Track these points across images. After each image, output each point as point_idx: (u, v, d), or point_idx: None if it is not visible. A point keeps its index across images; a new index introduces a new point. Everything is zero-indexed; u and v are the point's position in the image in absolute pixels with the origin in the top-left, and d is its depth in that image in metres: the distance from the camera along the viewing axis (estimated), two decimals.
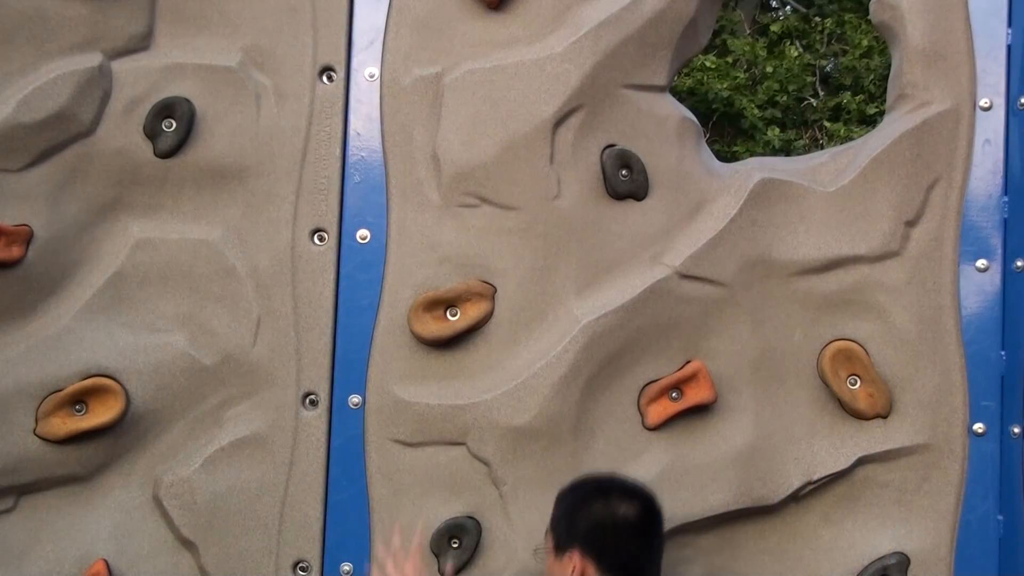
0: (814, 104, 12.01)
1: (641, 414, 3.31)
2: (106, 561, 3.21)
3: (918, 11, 3.35)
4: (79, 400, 3.19)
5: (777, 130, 11.50)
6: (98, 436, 3.20)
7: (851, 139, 7.78)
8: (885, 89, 3.83)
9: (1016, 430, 3.25)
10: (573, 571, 2.83)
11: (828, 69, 12.44)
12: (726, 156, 10.43)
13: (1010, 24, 3.35)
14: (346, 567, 3.27)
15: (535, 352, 3.27)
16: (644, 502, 2.88)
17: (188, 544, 3.25)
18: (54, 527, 3.24)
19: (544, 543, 2.97)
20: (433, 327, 3.27)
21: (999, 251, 3.33)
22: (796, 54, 12.01)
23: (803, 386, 3.36)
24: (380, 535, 3.25)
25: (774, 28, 12.53)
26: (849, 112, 11.65)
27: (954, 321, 3.32)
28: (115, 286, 3.27)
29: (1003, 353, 3.31)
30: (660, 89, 3.40)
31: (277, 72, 3.35)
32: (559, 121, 3.30)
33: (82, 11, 3.25)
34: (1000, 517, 3.30)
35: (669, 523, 3.24)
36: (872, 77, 11.72)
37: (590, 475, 3.04)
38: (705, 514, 3.29)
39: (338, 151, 3.33)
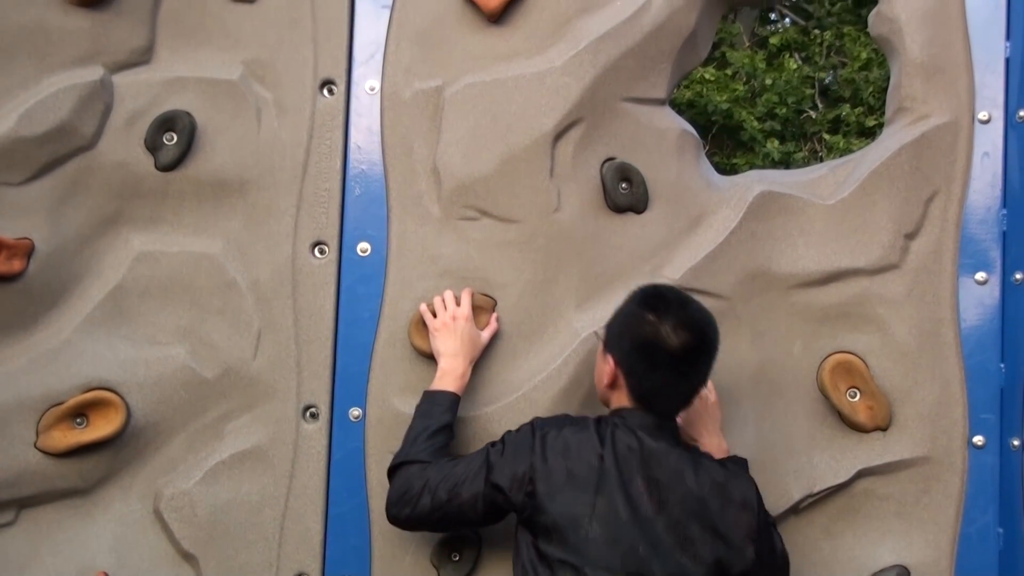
0: (813, 116, 12.01)
1: None
2: (106, 574, 3.21)
3: (917, 24, 3.36)
4: (80, 413, 3.19)
5: (776, 142, 11.50)
6: (99, 449, 3.21)
7: (850, 151, 7.79)
8: (884, 102, 3.84)
9: (1016, 442, 3.25)
10: (608, 374, 2.92)
11: (827, 81, 12.45)
12: (726, 168, 10.46)
13: (1008, 37, 3.36)
14: None
15: (535, 364, 3.28)
16: (697, 338, 2.84)
17: (188, 557, 3.25)
18: (55, 540, 3.24)
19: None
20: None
21: (998, 264, 3.34)
22: (795, 66, 12.02)
23: (803, 399, 3.36)
24: (380, 548, 3.26)
25: (773, 40, 12.54)
26: (848, 124, 11.66)
27: (953, 334, 3.33)
28: (116, 299, 3.27)
29: (1002, 365, 3.31)
30: (660, 102, 3.41)
31: (278, 85, 3.36)
32: (559, 134, 3.30)
33: (83, 25, 3.26)
34: (1000, 530, 3.30)
35: None
36: (871, 90, 11.72)
37: (665, 287, 3.03)
38: None
39: (339, 164, 3.34)
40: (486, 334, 3.24)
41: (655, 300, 2.90)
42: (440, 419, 3.06)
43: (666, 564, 2.74)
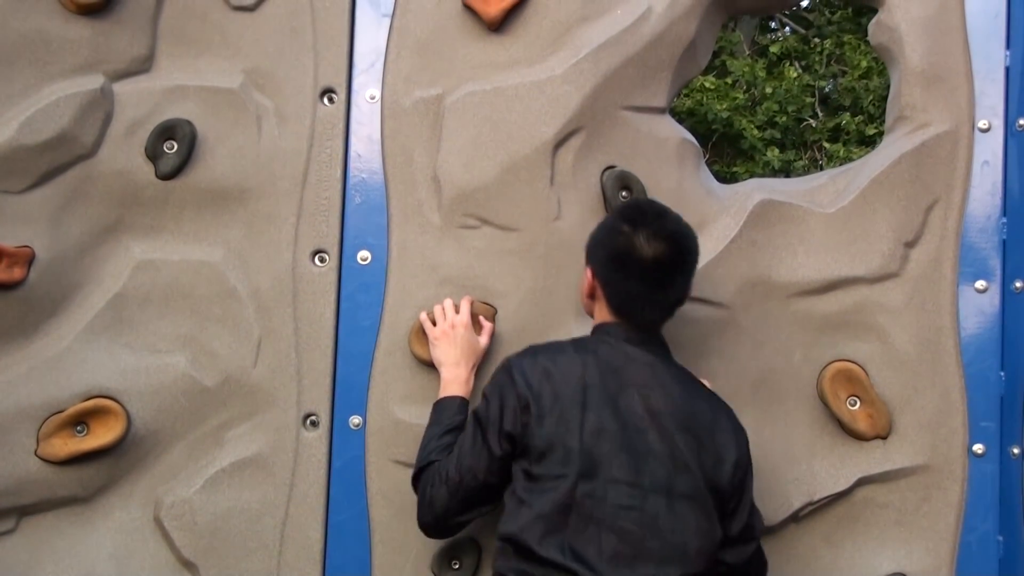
0: (813, 125, 12.03)
1: None
2: None
3: (917, 33, 3.36)
4: (80, 421, 3.19)
5: (776, 151, 11.53)
6: (99, 457, 3.21)
7: (850, 160, 7.80)
8: (884, 110, 3.85)
9: (1016, 450, 3.25)
10: (587, 284, 2.96)
11: (827, 90, 12.48)
12: (726, 177, 10.48)
13: (1008, 46, 3.36)
14: None
15: None
16: (670, 248, 2.85)
17: (189, 565, 3.25)
18: (55, 548, 3.24)
19: None
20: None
21: (998, 272, 3.34)
22: (795, 75, 12.05)
23: (803, 407, 3.36)
24: (381, 556, 3.26)
25: (773, 49, 12.57)
26: (848, 133, 11.68)
27: (953, 342, 3.33)
28: (116, 307, 3.27)
29: (1002, 374, 3.31)
30: (660, 110, 3.42)
31: (278, 94, 3.36)
32: (559, 143, 3.31)
33: (84, 33, 3.26)
34: (1000, 538, 3.30)
35: None
36: (871, 98, 11.75)
37: (646, 201, 3.08)
38: None
39: (339, 173, 3.34)
40: (484, 339, 3.24)
41: (632, 211, 2.94)
42: (451, 421, 3.05)
43: (656, 473, 2.74)
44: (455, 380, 3.13)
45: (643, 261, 2.84)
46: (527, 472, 2.79)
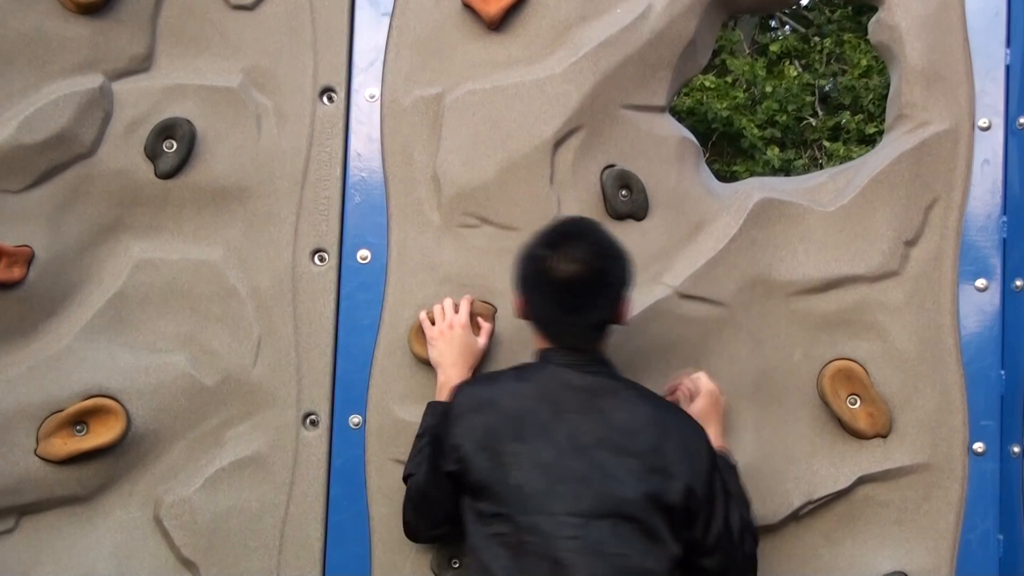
0: (813, 124, 12.03)
1: None
2: None
3: (917, 31, 3.36)
4: (80, 420, 3.19)
5: (776, 150, 11.53)
6: (99, 456, 3.21)
7: (850, 159, 7.81)
8: (884, 109, 3.84)
9: (1016, 449, 3.25)
10: (517, 308, 2.97)
11: (827, 89, 12.47)
12: (726, 176, 10.48)
13: (1008, 44, 3.36)
14: None
15: None
16: (584, 270, 2.81)
17: (189, 564, 3.25)
18: (55, 548, 3.23)
19: None
20: None
21: (998, 271, 3.34)
22: (795, 74, 12.05)
23: (803, 406, 3.36)
24: (380, 555, 3.26)
25: (773, 48, 12.57)
26: (848, 132, 11.68)
27: (954, 341, 3.33)
28: (116, 307, 3.27)
29: (1003, 372, 3.31)
30: (660, 109, 3.41)
31: (278, 93, 3.36)
32: (559, 141, 3.31)
33: (83, 32, 3.26)
34: (1000, 537, 3.30)
35: None
36: (871, 97, 11.75)
37: (569, 220, 3.02)
38: None
39: (338, 172, 3.34)
40: (483, 339, 3.24)
41: (549, 234, 2.91)
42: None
43: (596, 500, 2.72)
44: (450, 382, 3.11)
45: (554, 285, 2.82)
46: (474, 509, 2.82)
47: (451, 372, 3.14)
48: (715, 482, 2.86)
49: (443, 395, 3.10)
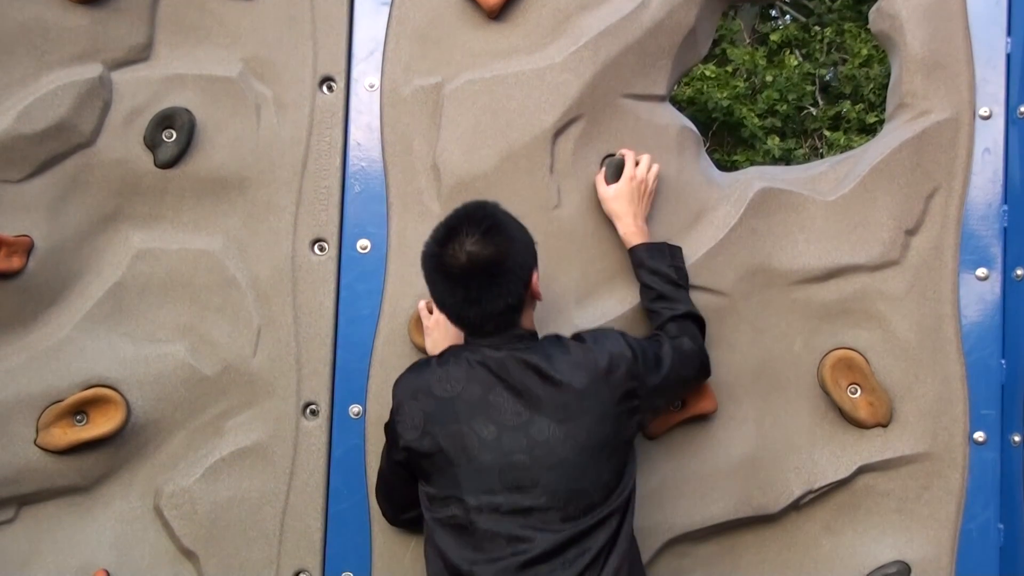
0: (814, 113, 12.01)
1: None
2: (107, 572, 3.22)
3: (917, 20, 3.35)
4: (80, 410, 3.19)
5: (777, 139, 11.50)
6: (99, 446, 3.21)
7: (851, 148, 7.79)
8: (885, 98, 3.84)
9: (1017, 439, 3.25)
10: (428, 303, 3.02)
11: (828, 78, 12.45)
12: (726, 165, 10.46)
13: (1009, 33, 3.36)
14: None
15: None
16: (471, 262, 2.78)
17: (189, 554, 3.25)
18: (55, 538, 3.24)
19: None
20: None
21: (999, 260, 3.33)
22: (796, 63, 12.02)
23: (803, 395, 3.36)
24: (380, 544, 3.26)
25: (774, 37, 12.54)
26: (849, 121, 11.66)
27: (954, 330, 3.32)
28: (116, 296, 3.27)
29: (1003, 362, 3.31)
30: (660, 98, 3.41)
31: (277, 82, 3.36)
32: (559, 131, 3.30)
33: (82, 22, 3.26)
34: (1001, 526, 3.30)
35: (669, 532, 3.26)
36: (872, 86, 11.73)
37: (460, 209, 2.94)
38: (705, 523, 3.29)
39: (338, 161, 3.34)
40: None
41: (443, 226, 2.88)
42: None
43: (544, 466, 2.75)
44: None
45: (450, 279, 2.82)
46: (425, 493, 2.87)
47: None
48: (638, 362, 2.90)
49: None
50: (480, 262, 2.78)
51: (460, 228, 2.82)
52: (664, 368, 2.96)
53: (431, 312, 3.20)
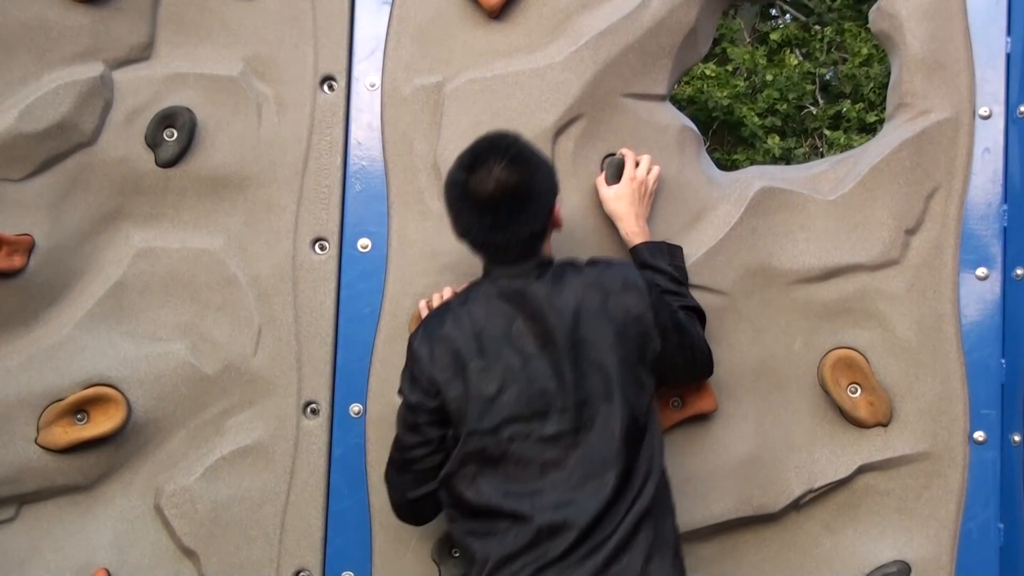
0: (814, 112, 12.01)
1: None
2: (107, 571, 3.22)
3: (917, 20, 3.36)
4: (80, 409, 3.19)
5: (777, 138, 11.50)
6: (99, 445, 3.21)
7: (851, 147, 7.79)
8: (885, 97, 3.84)
9: (1016, 438, 3.25)
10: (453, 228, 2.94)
11: (828, 77, 12.44)
12: (726, 164, 10.46)
13: (1009, 33, 3.36)
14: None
15: None
16: (503, 190, 2.80)
17: (189, 553, 3.25)
18: (55, 536, 3.24)
19: None
20: None
21: (999, 259, 3.34)
22: (796, 62, 12.02)
23: (804, 394, 3.36)
24: (381, 543, 3.26)
25: (774, 36, 12.53)
26: (849, 120, 11.66)
27: (954, 329, 3.33)
28: (116, 295, 3.27)
29: (1003, 361, 3.31)
30: (660, 98, 3.41)
31: (278, 81, 3.36)
32: (559, 130, 3.30)
33: (84, 21, 3.26)
34: (1001, 525, 3.30)
35: None
36: (872, 85, 11.73)
37: (485, 138, 2.95)
38: (706, 523, 3.29)
39: (339, 160, 3.34)
40: None
41: (468, 153, 2.89)
42: None
43: (572, 389, 2.76)
44: None
45: (477, 206, 2.82)
46: (456, 436, 2.83)
47: None
48: (663, 307, 2.93)
49: None
50: (508, 188, 2.80)
51: (487, 155, 2.84)
52: (670, 310, 2.97)
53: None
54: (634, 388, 2.82)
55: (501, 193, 2.79)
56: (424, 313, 3.20)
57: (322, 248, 3.32)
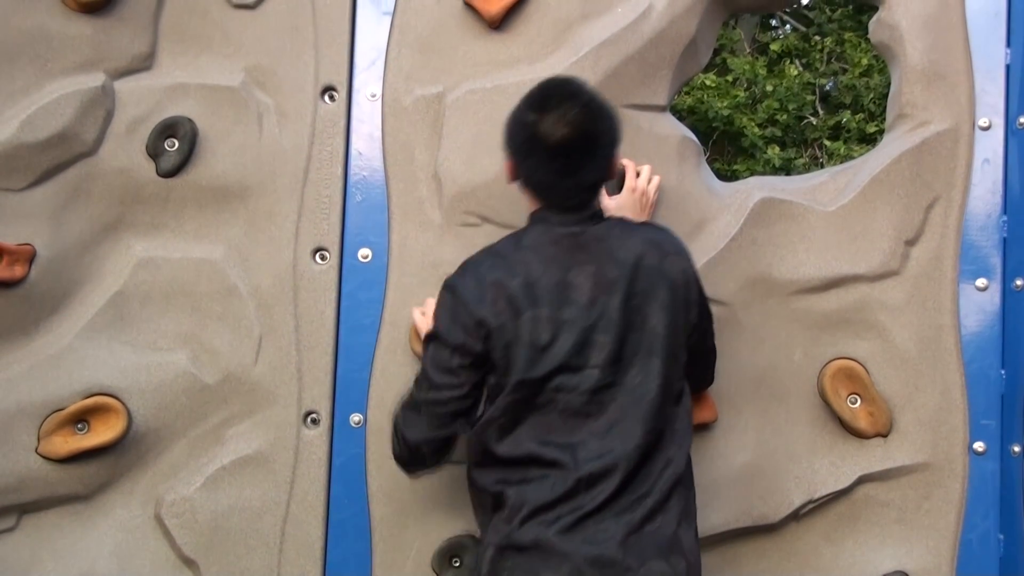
0: (814, 123, 12.02)
1: None
2: None
3: (917, 31, 3.36)
4: (81, 419, 3.20)
5: (777, 149, 11.50)
6: (100, 455, 3.21)
7: (851, 158, 7.80)
8: (885, 108, 3.84)
9: (1016, 449, 3.26)
10: (507, 172, 2.92)
11: (828, 88, 12.45)
12: (726, 175, 10.46)
13: (1009, 44, 3.36)
14: None
15: None
16: (576, 132, 2.78)
17: (189, 563, 3.25)
18: (56, 546, 3.24)
19: None
20: None
21: (998, 270, 3.34)
22: (796, 73, 12.03)
23: (804, 405, 3.36)
24: (381, 553, 3.26)
25: (774, 47, 12.55)
26: (849, 131, 11.66)
27: (954, 340, 3.33)
28: (117, 305, 3.27)
29: (1003, 372, 3.31)
30: (660, 108, 3.41)
31: (279, 92, 3.37)
32: None
33: (85, 31, 3.27)
34: (1001, 536, 3.30)
35: None
36: (872, 96, 11.73)
37: (555, 80, 2.95)
38: (706, 533, 3.28)
39: (340, 170, 3.34)
40: None
41: (537, 97, 2.86)
42: None
43: (621, 342, 2.75)
44: None
45: (548, 149, 2.79)
46: (500, 385, 2.79)
47: None
48: (702, 296, 2.95)
49: None
50: (582, 132, 2.78)
51: (560, 98, 2.82)
52: (706, 304, 3.00)
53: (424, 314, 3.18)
54: (675, 354, 2.82)
55: (574, 137, 2.77)
56: (418, 320, 3.18)
57: (323, 258, 3.33)
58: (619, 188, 3.26)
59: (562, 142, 2.77)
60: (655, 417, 2.74)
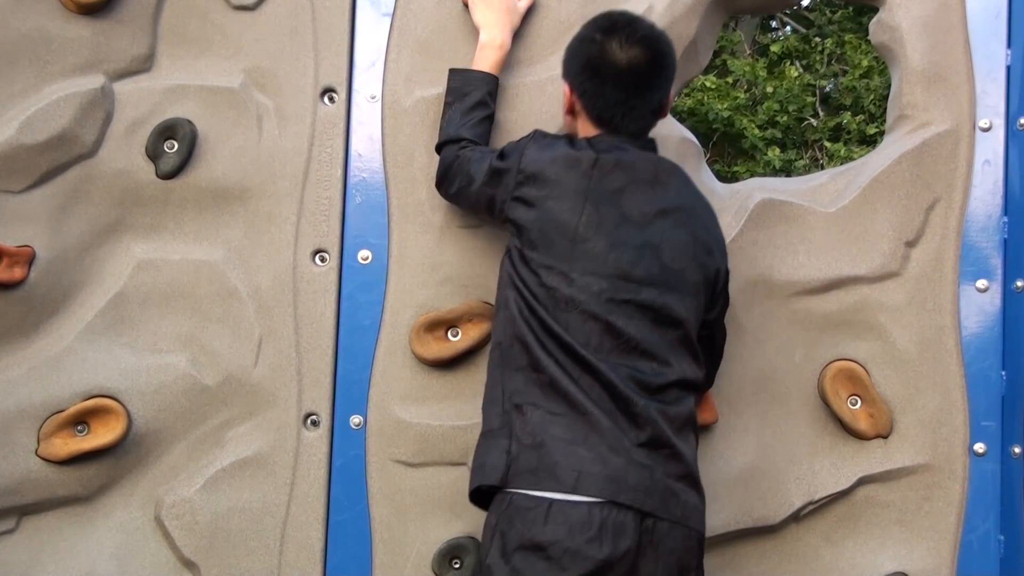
0: (814, 124, 12.03)
1: None
2: None
3: (918, 32, 3.36)
4: (81, 421, 3.19)
5: (777, 150, 11.52)
6: (100, 457, 3.21)
7: (851, 159, 7.80)
8: (885, 109, 3.84)
9: (1017, 450, 3.25)
10: (566, 100, 2.98)
11: (828, 89, 12.47)
12: (727, 176, 10.47)
13: (1009, 45, 3.36)
14: None
15: None
16: (646, 52, 2.85)
17: (190, 565, 3.25)
18: (56, 548, 3.24)
19: None
20: (434, 347, 3.27)
21: (999, 271, 3.34)
22: (796, 74, 12.05)
23: (804, 406, 3.36)
24: (381, 555, 3.26)
25: (774, 48, 12.57)
26: (849, 132, 11.68)
27: (954, 341, 3.33)
28: (117, 307, 3.27)
29: (1003, 373, 3.31)
30: None
31: (279, 93, 3.36)
32: None
33: (84, 33, 3.27)
34: (1001, 537, 3.30)
35: None
36: (872, 97, 11.75)
37: (619, 10, 3.03)
38: (706, 534, 3.28)
39: (339, 172, 3.34)
40: (523, 3, 3.31)
41: (603, 20, 2.93)
42: (475, 95, 3.16)
43: (651, 268, 2.78)
44: (491, 43, 3.21)
45: (617, 67, 2.84)
46: (522, 255, 2.83)
47: (492, 32, 3.23)
48: (727, 261, 3.02)
49: (483, 56, 3.22)
50: (650, 56, 2.85)
51: (625, 23, 2.89)
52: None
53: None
54: (697, 303, 2.88)
55: (642, 59, 2.83)
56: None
57: (322, 260, 3.32)
58: None
59: (632, 60, 2.83)
60: (676, 351, 2.83)
